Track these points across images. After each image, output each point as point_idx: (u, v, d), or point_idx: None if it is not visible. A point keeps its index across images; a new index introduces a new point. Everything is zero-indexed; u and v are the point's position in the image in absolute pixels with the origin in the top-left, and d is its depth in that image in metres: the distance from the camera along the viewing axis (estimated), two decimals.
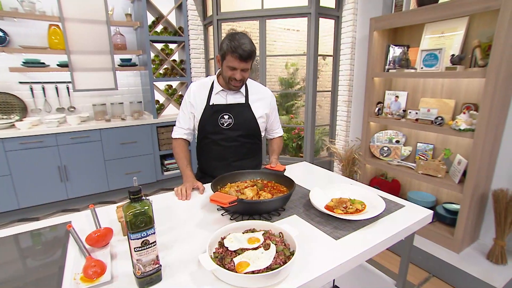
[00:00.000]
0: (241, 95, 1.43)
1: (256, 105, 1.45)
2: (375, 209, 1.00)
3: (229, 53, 1.24)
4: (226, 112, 1.38)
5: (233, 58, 1.24)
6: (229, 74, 1.30)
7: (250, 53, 1.25)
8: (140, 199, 0.69)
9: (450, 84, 2.05)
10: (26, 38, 2.84)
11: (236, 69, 1.28)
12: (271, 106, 1.52)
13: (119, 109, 3.31)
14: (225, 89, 1.40)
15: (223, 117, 1.38)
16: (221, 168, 1.43)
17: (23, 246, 0.94)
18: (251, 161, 1.52)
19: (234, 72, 1.29)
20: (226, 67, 1.30)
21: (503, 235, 1.73)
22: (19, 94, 2.91)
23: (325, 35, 3.18)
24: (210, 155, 1.46)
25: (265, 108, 1.48)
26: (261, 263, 0.71)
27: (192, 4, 3.34)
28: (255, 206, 0.99)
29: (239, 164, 1.46)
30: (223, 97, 1.41)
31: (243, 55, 1.23)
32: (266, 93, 1.51)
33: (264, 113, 1.47)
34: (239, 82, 1.32)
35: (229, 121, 1.39)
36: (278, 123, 1.63)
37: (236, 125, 1.40)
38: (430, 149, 2.19)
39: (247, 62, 1.27)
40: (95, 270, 0.73)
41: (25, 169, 2.62)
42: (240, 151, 1.45)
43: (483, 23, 1.84)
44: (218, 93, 1.40)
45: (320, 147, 3.59)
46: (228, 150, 1.43)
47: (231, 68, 1.28)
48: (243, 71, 1.30)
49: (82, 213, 1.10)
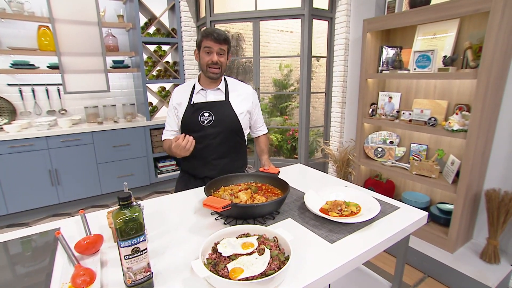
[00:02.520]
0: (220, 93, 1.45)
1: (236, 102, 1.46)
2: (370, 212, 0.99)
3: (204, 38, 1.32)
4: (206, 110, 1.40)
5: (208, 40, 1.31)
6: (207, 60, 1.33)
7: (225, 36, 1.32)
8: (130, 205, 0.67)
9: (442, 85, 2.07)
10: (14, 39, 2.78)
11: (213, 51, 1.32)
12: (253, 103, 1.52)
13: (111, 111, 3.27)
14: (205, 88, 1.43)
15: (203, 114, 1.39)
16: (201, 166, 1.45)
17: (10, 253, 0.90)
18: (233, 161, 1.49)
19: (211, 56, 1.32)
20: (203, 54, 1.34)
21: (496, 235, 1.75)
22: (8, 96, 2.85)
23: (319, 36, 3.20)
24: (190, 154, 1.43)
25: (246, 105, 1.49)
26: (255, 269, 0.70)
27: (185, 5, 3.31)
28: (249, 210, 0.98)
29: (219, 162, 1.45)
30: (203, 95, 1.44)
31: (218, 37, 1.30)
32: (247, 90, 1.53)
33: (245, 109, 1.47)
34: (217, 67, 1.35)
35: (209, 118, 1.39)
36: (261, 120, 1.63)
37: (216, 122, 1.40)
38: (424, 149, 2.21)
39: (222, 44, 1.32)
40: (84, 279, 0.70)
41: (14, 174, 2.56)
42: (220, 149, 1.44)
43: (473, 25, 1.86)
44: (198, 92, 1.43)
45: (315, 149, 3.60)
46: (208, 148, 1.42)
47: (208, 50, 1.32)
48: (220, 55, 1.34)
49: (72, 219, 1.07)
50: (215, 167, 1.45)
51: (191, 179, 1.49)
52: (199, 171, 1.46)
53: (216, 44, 1.31)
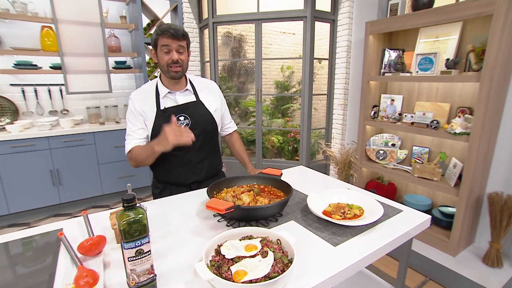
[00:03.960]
0: (190, 93, 1.38)
1: (207, 100, 1.40)
2: (373, 215, 0.99)
3: (160, 36, 1.22)
4: (180, 114, 1.31)
5: (165, 38, 1.21)
6: (166, 59, 1.24)
7: (183, 31, 1.24)
8: (134, 207, 0.67)
9: (445, 88, 2.07)
10: (17, 40, 2.79)
11: (172, 49, 1.23)
12: (220, 98, 1.48)
13: (113, 112, 3.27)
14: (172, 91, 1.33)
15: (178, 119, 1.30)
16: (185, 173, 1.36)
17: (12, 253, 0.90)
18: (213, 160, 1.45)
19: (170, 54, 1.24)
20: (161, 53, 1.25)
21: (499, 238, 1.74)
22: (10, 96, 2.86)
23: (321, 38, 3.20)
24: (171, 163, 1.35)
25: (216, 102, 1.44)
26: (259, 271, 0.69)
27: (188, 7, 3.32)
28: (252, 212, 0.97)
29: (202, 165, 1.39)
30: (172, 99, 1.34)
31: (175, 34, 1.21)
32: (212, 85, 1.48)
33: (216, 106, 1.43)
34: (177, 65, 1.26)
35: (186, 121, 1.31)
36: (229, 115, 1.57)
37: (194, 124, 1.32)
38: (426, 152, 2.20)
39: (181, 41, 1.24)
40: (87, 281, 0.70)
41: (16, 173, 2.56)
42: (203, 151, 1.38)
43: (476, 28, 1.86)
44: (165, 96, 1.33)
45: (316, 151, 3.59)
46: (191, 153, 1.34)
47: (166, 50, 1.23)
48: (179, 53, 1.26)
49: (74, 220, 1.07)
50: (200, 170, 1.39)
51: (173, 189, 1.38)
52: (184, 178, 1.37)
53: (175, 41, 1.22)
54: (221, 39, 3.82)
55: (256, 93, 3.13)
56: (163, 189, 1.41)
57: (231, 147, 1.61)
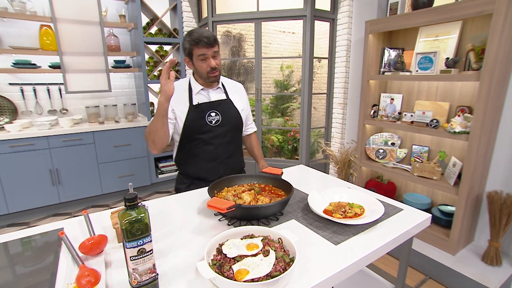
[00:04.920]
0: (221, 91, 1.46)
1: (235, 99, 1.48)
2: (374, 213, 0.99)
3: (195, 46, 1.27)
4: (212, 110, 1.38)
5: (200, 47, 1.27)
6: (204, 67, 1.31)
7: (214, 37, 1.29)
8: (136, 206, 0.67)
9: (444, 86, 2.07)
10: (16, 39, 2.78)
11: (208, 57, 1.29)
12: (246, 99, 1.57)
13: (112, 111, 3.26)
14: (205, 88, 1.41)
15: (210, 114, 1.37)
16: (214, 168, 1.42)
17: (13, 253, 0.90)
18: (238, 157, 1.52)
19: (208, 61, 1.30)
20: (198, 62, 1.31)
21: (498, 237, 1.75)
22: (9, 95, 2.84)
23: (320, 37, 3.19)
24: (201, 157, 1.41)
25: (243, 102, 1.52)
26: (260, 270, 0.70)
27: (187, 5, 3.31)
28: (253, 211, 0.97)
29: (229, 161, 1.46)
30: (205, 95, 1.41)
31: (208, 41, 1.26)
32: (240, 86, 1.57)
33: (243, 106, 1.51)
34: (216, 71, 1.33)
35: (217, 118, 1.38)
36: (251, 116, 1.65)
37: (224, 121, 1.40)
38: (425, 151, 2.21)
39: (214, 46, 1.30)
40: (89, 280, 0.70)
41: (15, 173, 2.55)
42: (230, 147, 1.45)
43: (476, 27, 1.86)
44: (199, 93, 1.40)
45: (316, 150, 3.60)
46: (220, 148, 1.41)
47: (202, 58, 1.29)
48: (215, 58, 1.32)
49: (75, 219, 1.07)
50: (227, 166, 1.45)
51: (200, 184, 1.39)
52: (212, 173, 1.41)
53: (209, 49, 1.28)
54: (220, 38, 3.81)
55: (255, 92, 3.13)
56: (189, 184, 1.46)
57: (248, 145, 1.68)
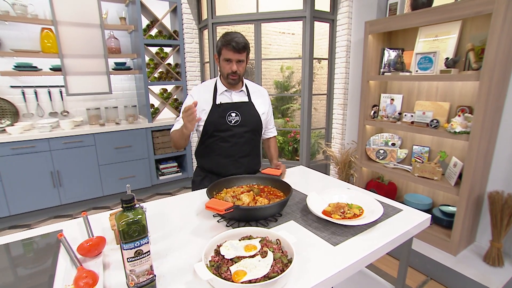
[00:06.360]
0: (244, 94, 1.51)
1: (257, 103, 1.53)
2: (373, 214, 0.99)
3: (224, 47, 1.34)
4: (233, 110, 1.44)
5: (228, 50, 1.33)
6: (227, 68, 1.38)
7: (244, 44, 1.34)
8: (133, 208, 0.67)
9: (444, 87, 2.06)
10: (17, 42, 2.80)
11: (232, 61, 1.36)
12: (268, 104, 1.62)
13: (113, 113, 3.27)
14: (229, 89, 1.47)
15: (230, 114, 1.44)
16: (228, 165, 1.48)
17: (12, 255, 0.91)
18: (253, 158, 1.56)
19: (231, 64, 1.36)
20: (223, 62, 1.39)
21: (499, 237, 1.74)
22: (11, 98, 2.86)
23: (320, 38, 3.20)
24: (217, 153, 1.48)
25: (265, 106, 1.58)
26: (258, 271, 0.69)
27: (187, 7, 3.33)
28: (251, 213, 0.97)
29: (243, 160, 1.50)
30: (228, 96, 1.48)
31: (237, 47, 1.32)
32: (264, 91, 1.63)
33: (264, 110, 1.56)
34: (235, 74, 1.39)
35: (237, 118, 1.44)
36: (273, 121, 1.71)
37: (243, 121, 1.46)
38: (426, 151, 2.20)
39: (241, 53, 1.35)
40: (87, 281, 0.70)
41: (16, 175, 2.57)
42: (246, 147, 1.50)
43: (475, 27, 1.86)
44: (222, 93, 1.47)
45: (316, 150, 3.59)
46: (235, 147, 1.47)
47: (227, 61, 1.36)
48: (239, 64, 1.38)
49: (74, 221, 1.07)
50: (241, 165, 1.50)
51: (213, 178, 1.46)
52: (226, 169, 1.48)
53: (235, 54, 1.34)
54: None
55: None
56: (204, 177, 1.53)
57: (266, 147, 1.75)
